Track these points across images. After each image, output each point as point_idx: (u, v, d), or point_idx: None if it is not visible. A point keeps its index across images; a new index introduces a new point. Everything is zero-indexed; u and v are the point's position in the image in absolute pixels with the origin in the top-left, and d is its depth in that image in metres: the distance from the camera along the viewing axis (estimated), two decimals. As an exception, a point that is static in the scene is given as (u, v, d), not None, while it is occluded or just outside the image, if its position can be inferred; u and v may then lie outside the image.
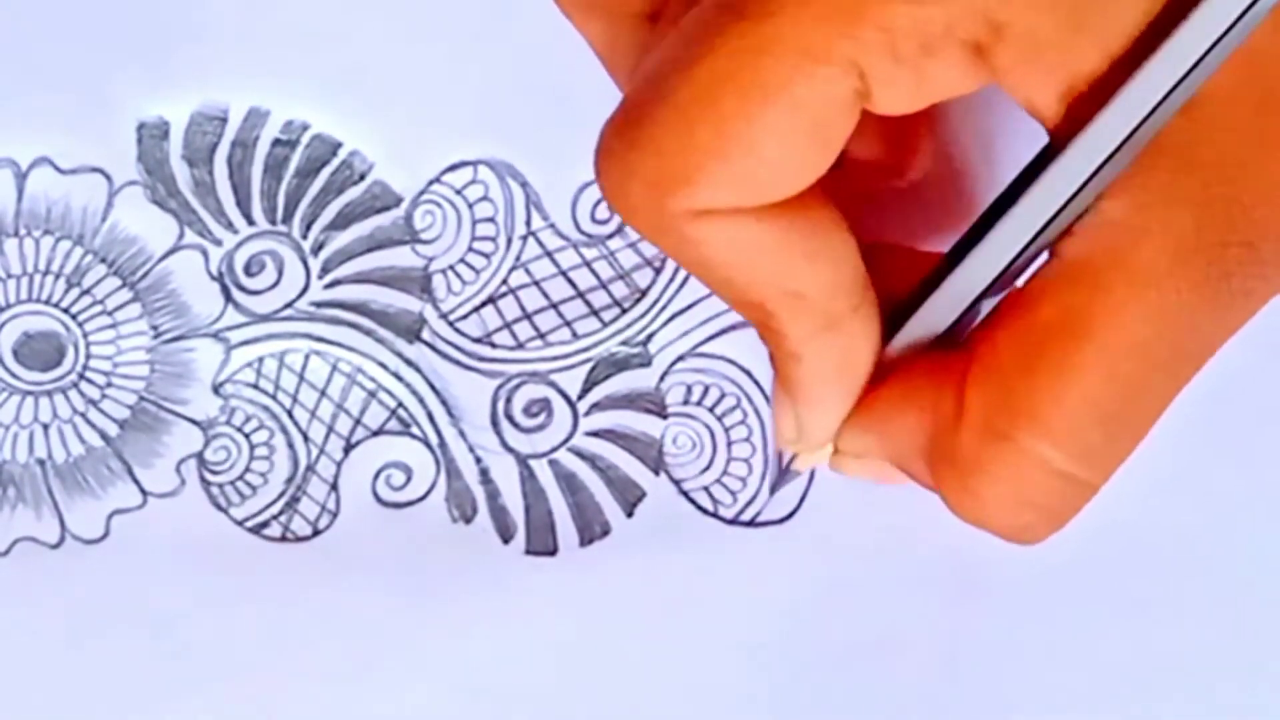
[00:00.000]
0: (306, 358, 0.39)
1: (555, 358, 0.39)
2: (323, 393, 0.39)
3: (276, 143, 0.39)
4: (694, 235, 0.28)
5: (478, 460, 0.38)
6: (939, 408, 0.29)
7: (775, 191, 0.27)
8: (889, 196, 0.34)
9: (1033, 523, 0.29)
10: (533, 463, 0.38)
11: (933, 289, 0.29)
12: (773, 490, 0.38)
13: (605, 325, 0.39)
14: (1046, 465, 0.28)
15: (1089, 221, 0.27)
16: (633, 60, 0.31)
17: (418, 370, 0.39)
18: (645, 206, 0.28)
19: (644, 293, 0.39)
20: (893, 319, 0.30)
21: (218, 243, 0.39)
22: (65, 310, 0.39)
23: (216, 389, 0.39)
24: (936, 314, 0.29)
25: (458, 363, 0.39)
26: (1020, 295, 0.28)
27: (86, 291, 0.39)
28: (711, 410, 0.38)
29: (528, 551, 0.38)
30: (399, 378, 0.39)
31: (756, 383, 0.38)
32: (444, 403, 0.39)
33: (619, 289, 0.39)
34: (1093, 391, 0.27)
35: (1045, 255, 0.28)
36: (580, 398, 0.38)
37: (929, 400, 0.29)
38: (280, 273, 0.39)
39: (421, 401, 0.39)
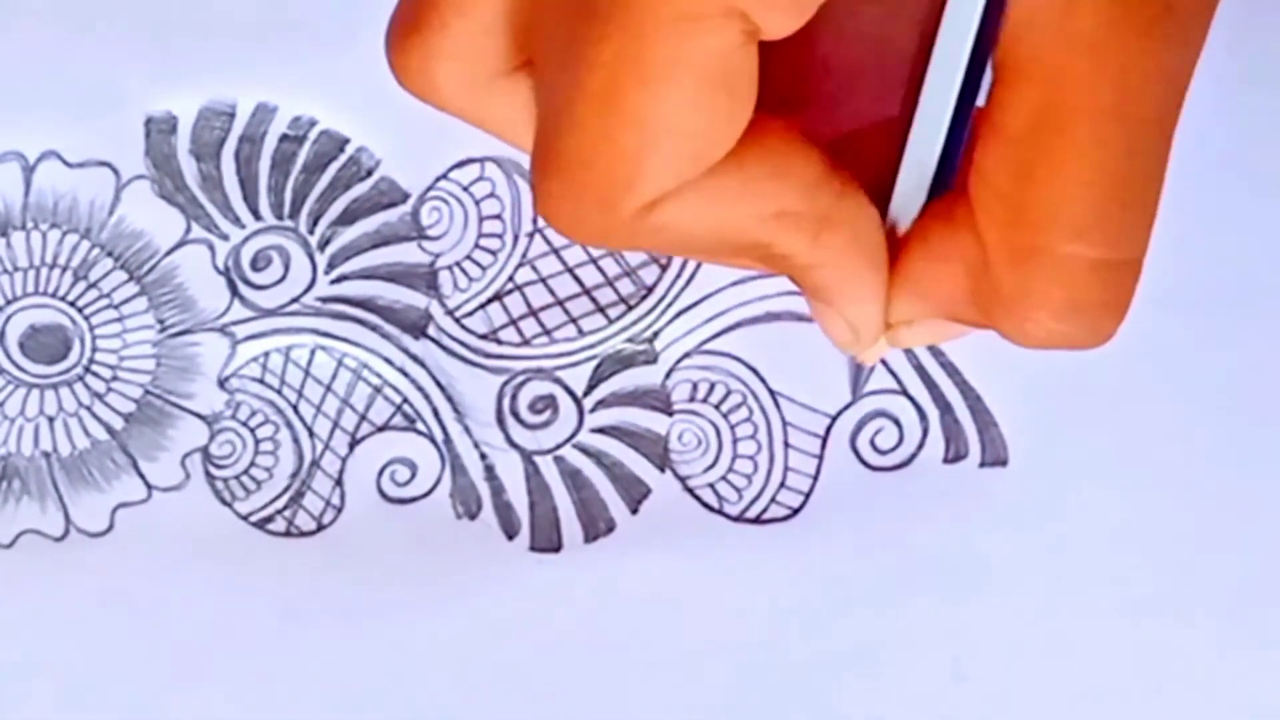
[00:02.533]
0: (312, 353, 0.39)
1: (561, 354, 0.39)
2: (328, 388, 0.39)
3: (284, 138, 0.39)
4: (661, 224, 0.28)
5: (483, 456, 0.39)
6: (964, 252, 0.29)
7: (712, 153, 0.27)
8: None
9: (1099, 321, 0.28)
10: (538, 459, 0.38)
11: (904, 143, 0.29)
12: (854, 393, 0.38)
13: (611, 322, 0.39)
14: (1083, 260, 0.27)
15: (1015, 19, 0.27)
16: (521, 120, 0.31)
17: (423, 366, 0.39)
18: (605, 224, 0.28)
19: (650, 290, 0.39)
20: (885, 184, 0.30)
21: (224, 237, 0.39)
22: (71, 304, 0.39)
23: (222, 383, 0.39)
24: (920, 156, 0.29)
25: (463, 359, 0.39)
26: (987, 119, 0.28)
27: (93, 285, 0.39)
28: (717, 407, 0.38)
29: (532, 548, 0.38)
30: (405, 373, 0.39)
31: (762, 380, 0.38)
32: (449, 399, 0.39)
33: (625, 286, 0.39)
34: (1093, 173, 0.27)
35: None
36: (586, 394, 0.39)
37: (952, 246, 0.29)
38: (287, 268, 0.39)
39: (427, 397, 0.39)
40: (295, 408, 0.39)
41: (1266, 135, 0.39)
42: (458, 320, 0.39)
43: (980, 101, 0.29)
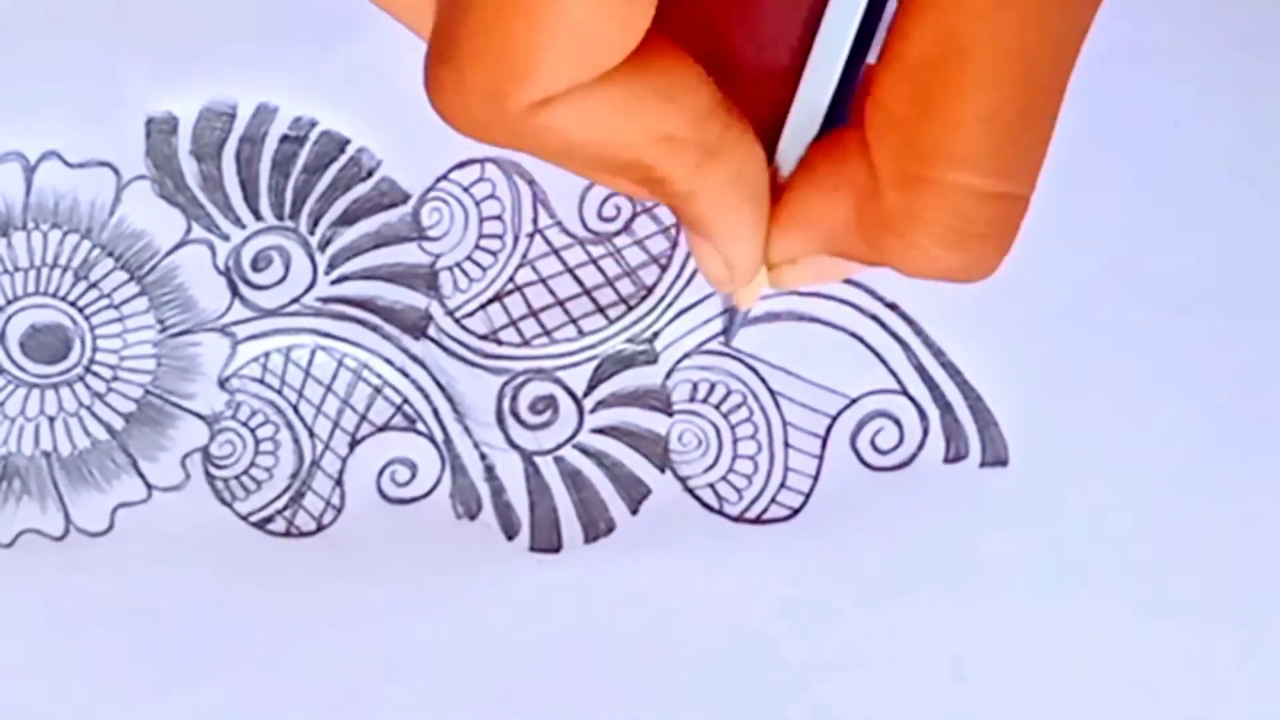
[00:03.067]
0: (313, 353, 0.39)
1: (561, 355, 0.39)
2: (328, 388, 0.39)
3: (285, 139, 0.39)
4: (547, 125, 0.28)
5: (483, 457, 0.39)
6: (853, 180, 0.29)
7: (606, 57, 0.27)
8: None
9: (981, 253, 0.29)
10: (538, 459, 0.38)
11: (796, 81, 0.29)
12: (727, 341, 0.38)
13: (611, 323, 0.39)
14: (972, 190, 0.28)
15: None
16: (424, 8, 0.31)
17: (424, 366, 0.39)
18: (490, 117, 0.28)
19: (650, 290, 0.39)
20: (773, 130, 0.30)
21: (225, 238, 0.39)
22: (72, 304, 0.39)
23: (222, 383, 0.39)
24: (811, 101, 0.30)
25: (464, 359, 0.39)
26: (887, 49, 0.28)
27: (93, 285, 0.39)
28: (717, 408, 0.38)
29: (532, 548, 0.38)
30: (405, 374, 0.39)
31: (763, 380, 0.38)
32: (449, 399, 0.39)
33: (625, 286, 0.39)
34: (988, 105, 0.27)
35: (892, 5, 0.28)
36: (586, 395, 0.39)
37: (840, 177, 0.29)
38: (287, 268, 0.39)
39: (427, 398, 0.39)
40: (295, 408, 0.39)
41: (1267, 135, 0.39)
42: (458, 321, 0.39)
43: (871, 58, 0.29)
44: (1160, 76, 0.39)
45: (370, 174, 0.39)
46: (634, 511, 0.38)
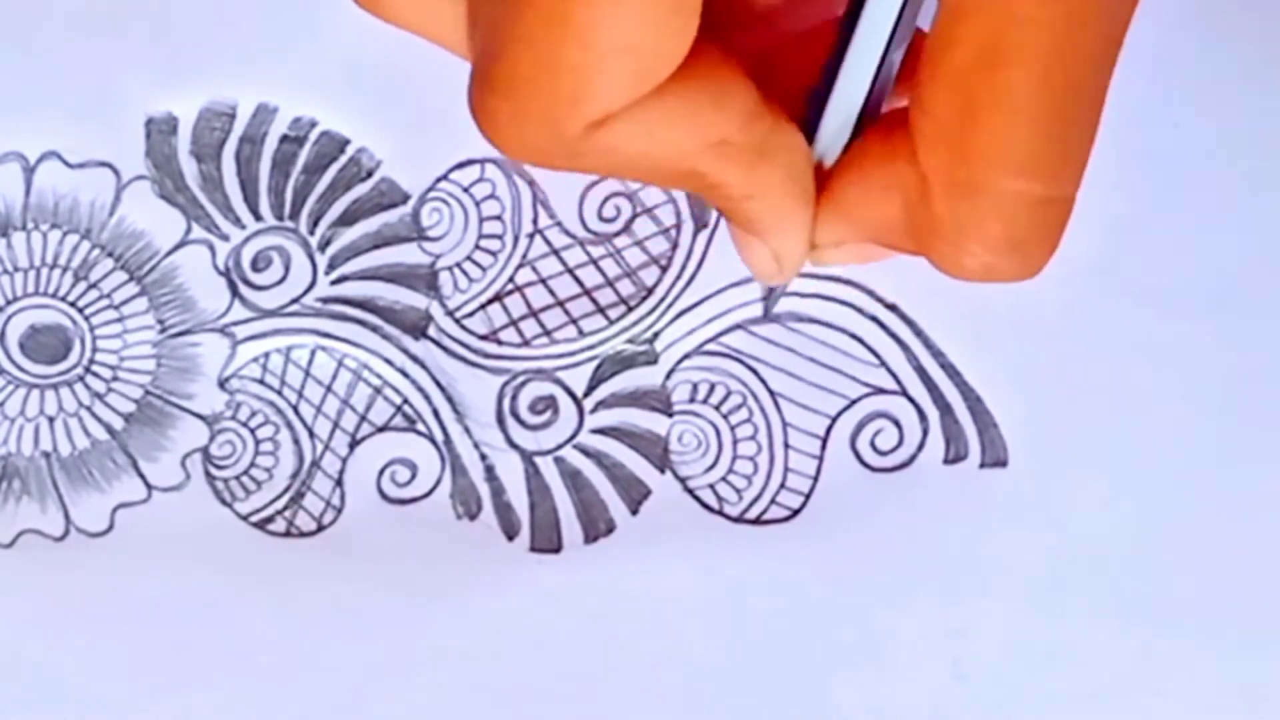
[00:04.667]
0: (313, 353, 0.39)
1: (561, 355, 0.39)
2: (328, 388, 0.39)
3: (284, 139, 0.39)
4: (605, 144, 0.28)
5: (483, 457, 0.39)
6: (902, 181, 0.29)
7: (660, 71, 0.27)
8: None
9: (1030, 256, 0.29)
10: (538, 460, 0.38)
11: (835, 70, 0.29)
12: (766, 312, 0.38)
13: (611, 323, 0.39)
14: (1022, 196, 0.28)
15: None
16: (462, 28, 0.31)
17: (424, 367, 0.39)
18: (548, 143, 0.28)
19: (650, 291, 0.39)
20: (810, 113, 0.30)
21: (225, 238, 0.39)
22: (72, 304, 0.39)
23: (222, 384, 0.39)
24: (847, 102, 0.30)
25: (464, 359, 0.39)
26: (932, 46, 0.28)
27: (93, 285, 0.39)
28: (717, 408, 0.38)
29: (532, 549, 0.38)
30: (405, 374, 0.39)
31: (763, 381, 0.38)
32: (449, 399, 0.39)
33: (625, 287, 0.39)
34: (1035, 111, 0.27)
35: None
36: (586, 395, 0.39)
37: (891, 177, 0.29)
38: (287, 268, 0.39)
39: (427, 398, 0.39)
40: (295, 408, 0.39)
41: (1267, 135, 0.39)
42: (458, 321, 0.39)
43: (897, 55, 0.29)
44: (1160, 76, 0.39)
45: (370, 174, 0.39)
46: (634, 512, 0.38)
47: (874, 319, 0.39)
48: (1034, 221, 0.28)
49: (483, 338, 0.39)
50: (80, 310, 0.39)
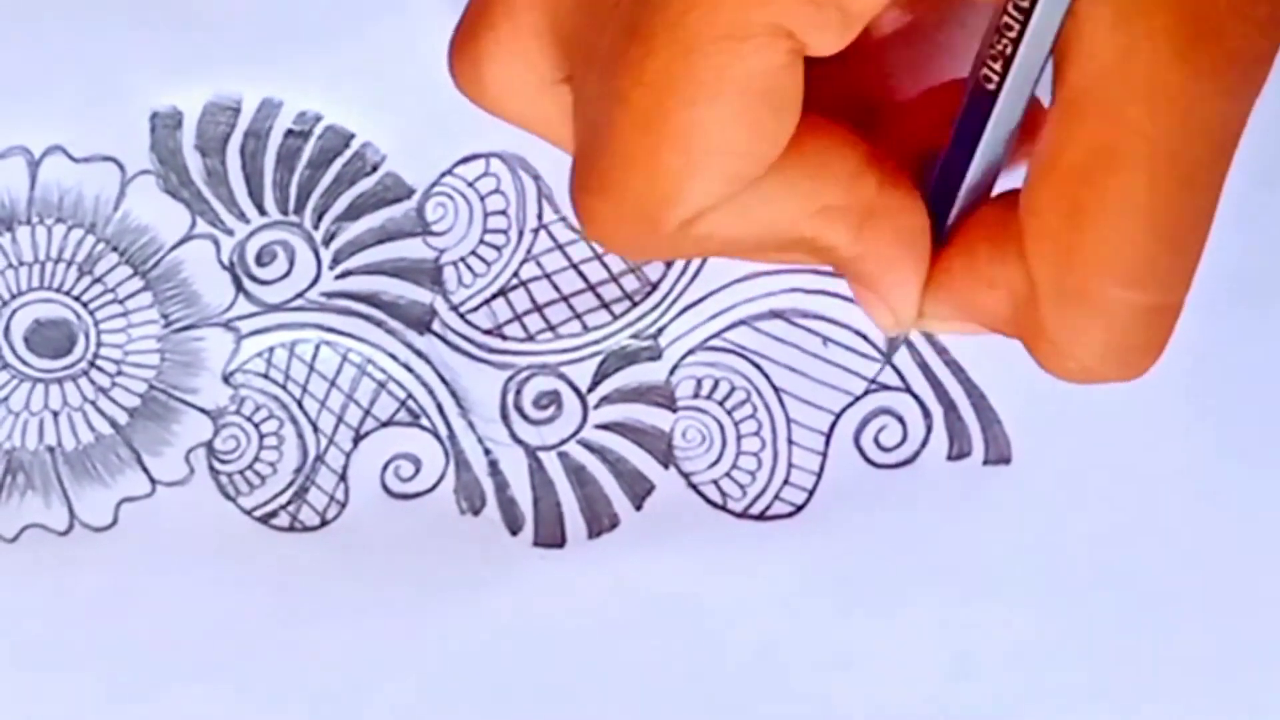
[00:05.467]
0: (317, 348, 0.39)
1: (565, 350, 0.39)
2: (332, 383, 0.39)
3: (289, 133, 0.39)
4: (704, 234, 0.28)
5: (487, 452, 0.39)
6: (1010, 281, 0.29)
7: (755, 168, 0.27)
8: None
9: (1134, 362, 0.29)
10: (542, 455, 0.38)
11: (966, 135, 0.29)
12: (887, 357, 0.38)
13: (616, 318, 0.39)
14: (1129, 306, 0.27)
15: (1075, 49, 0.27)
16: (569, 124, 0.31)
17: (428, 362, 0.39)
18: (646, 240, 0.28)
19: (655, 286, 0.39)
20: (929, 170, 0.30)
21: (229, 232, 0.39)
22: (76, 298, 0.39)
23: (226, 378, 0.39)
24: (982, 166, 0.29)
25: (468, 354, 0.39)
26: (1042, 148, 0.28)
27: (98, 280, 0.39)
28: (721, 404, 0.38)
29: (536, 544, 0.38)
30: (409, 369, 0.39)
31: (767, 376, 0.38)
32: (454, 394, 0.39)
33: (630, 282, 0.39)
34: (1145, 218, 0.27)
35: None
36: (590, 390, 0.39)
37: (999, 274, 0.29)
38: (291, 263, 0.39)
39: (431, 393, 0.39)
40: (300, 403, 0.39)
41: (1267, 135, 0.39)
42: (462, 316, 0.39)
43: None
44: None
45: (375, 169, 0.39)
46: (638, 507, 0.38)
47: (878, 315, 0.39)
48: (1141, 329, 0.28)
49: (487, 332, 0.39)
50: (85, 305, 0.39)
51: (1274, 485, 0.38)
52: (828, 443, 0.38)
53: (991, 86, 0.28)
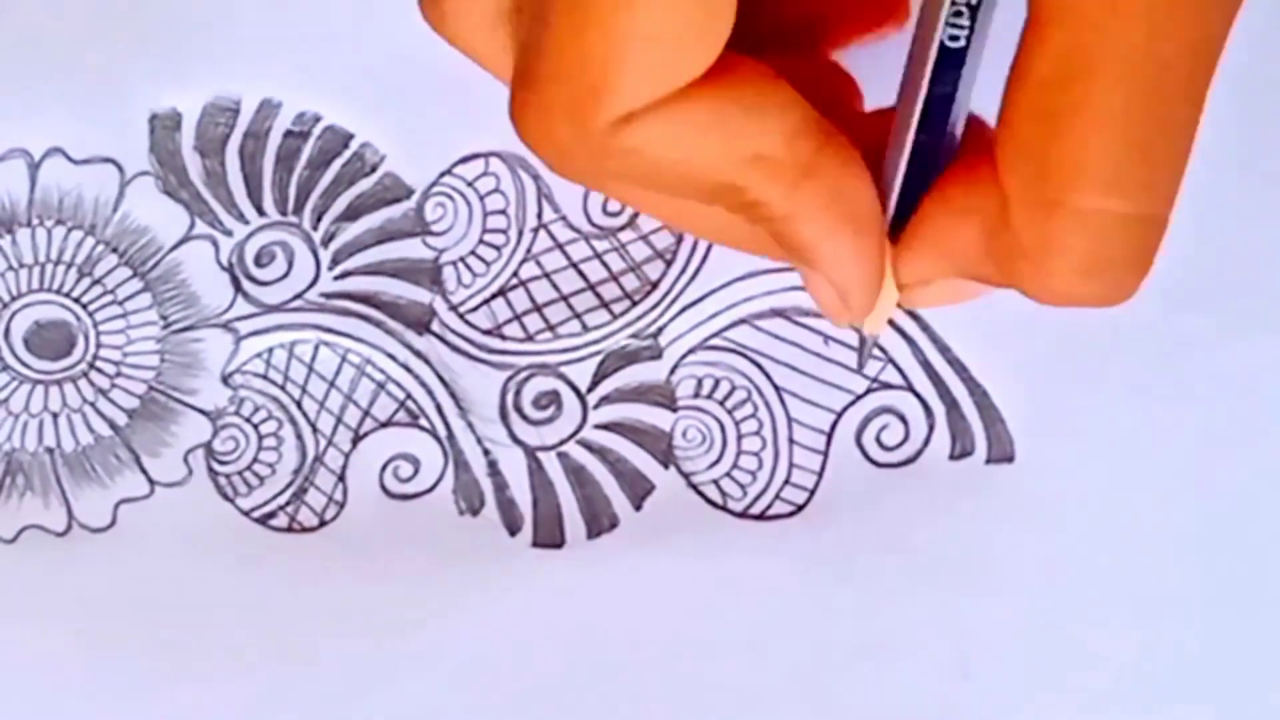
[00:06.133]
0: (316, 349, 0.39)
1: (565, 350, 0.38)
2: (331, 384, 0.39)
3: (288, 134, 0.39)
4: (631, 144, 0.27)
5: (486, 452, 0.38)
6: (984, 206, 0.28)
7: (685, 66, 0.27)
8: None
9: (1119, 278, 0.28)
10: (541, 455, 0.38)
11: (913, 100, 0.29)
12: (860, 365, 0.37)
13: (616, 318, 0.38)
14: (1108, 215, 0.27)
15: None
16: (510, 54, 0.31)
17: (427, 362, 0.39)
18: (573, 139, 0.27)
19: (655, 285, 0.38)
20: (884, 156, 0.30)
21: (228, 233, 0.39)
22: (76, 300, 0.39)
23: (225, 379, 0.39)
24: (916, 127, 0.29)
25: (467, 355, 0.39)
26: (1013, 69, 0.27)
27: (97, 281, 0.39)
28: (721, 404, 0.38)
29: (535, 544, 0.38)
30: (408, 369, 0.38)
31: (767, 376, 0.38)
32: (453, 395, 0.38)
33: (630, 281, 0.39)
34: (1119, 122, 0.26)
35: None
36: (590, 390, 0.38)
37: (971, 201, 0.28)
38: (290, 264, 0.39)
39: (430, 393, 0.38)
40: (299, 403, 0.39)
41: (1267, 135, 0.38)
42: (461, 316, 0.39)
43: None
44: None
45: (374, 169, 0.39)
46: (637, 507, 0.38)
47: (878, 313, 0.38)
48: (1122, 240, 0.27)
49: (486, 333, 0.39)
50: (84, 306, 0.39)
51: (1274, 485, 0.37)
52: (829, 442, 0.38)
53: (959, 45, 0.28)
